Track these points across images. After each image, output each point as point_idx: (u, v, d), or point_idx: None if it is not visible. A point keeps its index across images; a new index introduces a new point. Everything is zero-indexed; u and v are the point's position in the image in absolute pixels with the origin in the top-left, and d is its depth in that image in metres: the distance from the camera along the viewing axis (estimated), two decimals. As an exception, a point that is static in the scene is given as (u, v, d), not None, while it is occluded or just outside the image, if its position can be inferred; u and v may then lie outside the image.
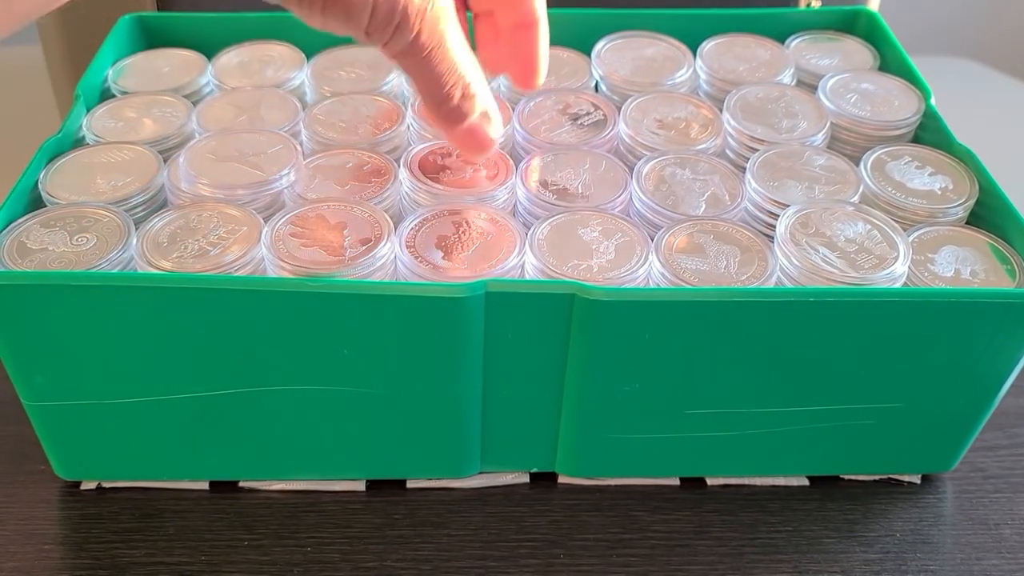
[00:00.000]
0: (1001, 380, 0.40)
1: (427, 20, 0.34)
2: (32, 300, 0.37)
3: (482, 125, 0.38)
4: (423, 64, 0.35)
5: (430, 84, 0.36)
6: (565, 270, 0.39)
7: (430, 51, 0.35)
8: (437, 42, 0.35)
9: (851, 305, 0.37)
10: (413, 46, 0.34)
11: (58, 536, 0.41)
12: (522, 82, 0.42)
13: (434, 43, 0.35)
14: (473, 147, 0.39)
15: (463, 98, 0.37)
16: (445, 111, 0.37)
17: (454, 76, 0.36)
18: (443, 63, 0.35)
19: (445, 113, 0.37)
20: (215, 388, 0.39)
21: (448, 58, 0.35)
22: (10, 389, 0.40)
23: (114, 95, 0.50)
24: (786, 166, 0.44)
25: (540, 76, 0.41)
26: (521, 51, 0.41)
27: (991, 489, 0.44)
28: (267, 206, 0.42)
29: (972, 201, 0.43)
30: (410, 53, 0.35)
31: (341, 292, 0.36)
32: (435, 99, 0.36)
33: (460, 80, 0.36)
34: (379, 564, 0.41)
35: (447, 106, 0.37)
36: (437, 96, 0.36)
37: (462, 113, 0.37)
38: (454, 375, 0.39)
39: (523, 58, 0.41)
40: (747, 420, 0.41)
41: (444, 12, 0.35)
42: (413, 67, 0.35)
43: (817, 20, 0.55)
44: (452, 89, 0.36)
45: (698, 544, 0.42)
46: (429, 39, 0.34)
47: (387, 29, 0.33)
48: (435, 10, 0.34)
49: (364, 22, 0.33)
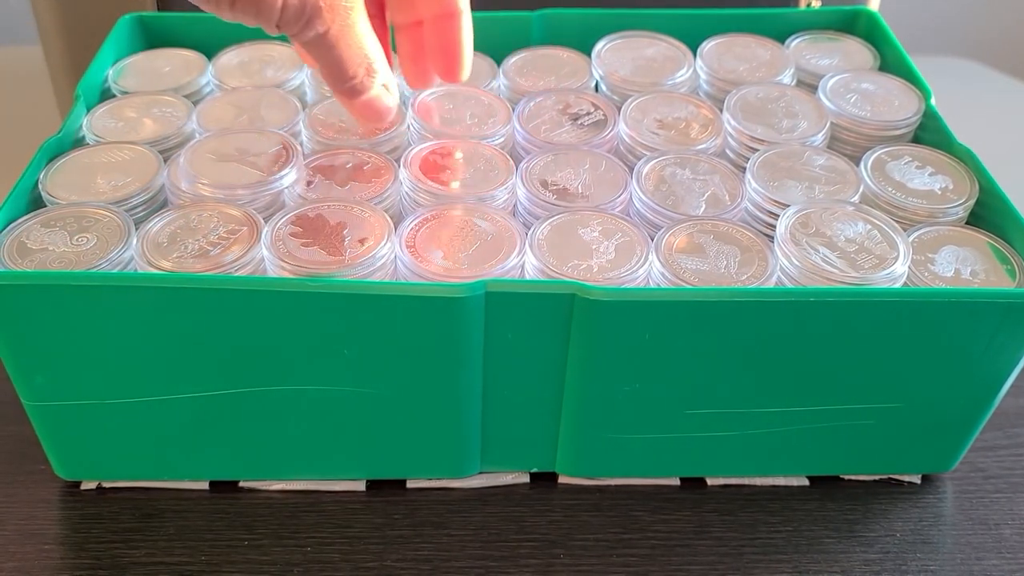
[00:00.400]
0: (1001, 380, 0.40)
1: (338, 13, 0.35)
2: (32, 300, 0.37)
3: (381, 96, 0.39)
4: (330, 51, 0.36)
5: (336, 67, 0.37)
6: (565, 270, 0.39)
7: (337, 40, 0.36)
8: (345, 32, 0.36)
9: (851, 305, 0.37)
10: (323, 37, 0.36)
11: (58, 536, 0.42)
12: (446, 74, 0.42)
13: (342, 33, 0.36)
14: (373, 116, 0.40)
15: (366, 75, 0.38)
16: (348, 87, 0.38)
17: (358, 58, 0.37)
18: (350, 49, 0.37)
19: (348, 89, 0.38)
20: (215, 388, 0.39)
21: (355, 43, 0.37)
22: (10, 389, 0.40)
23: (114, 95, 0.50)
24: (786, 166, 0.44)
25: (464, 68, 0.42)
26: (443, 43, 0.41)
27: (991, 489, 0.44)
28: (267, 206, 0.42)
29: (972, 201, 0.43)
30: (319, 44, 0.36)
31: (341, 292, 0.36)
32: (339, 78, 0.38)
33: (364, 61, 0.38)
34: (379, 564, 0.41)
35: (350, 83, 0.38)
36: (342, 77, 0.38)
37: (364, 87, 0.38)
38: (454, 375, 0.39)
39: (445, 50, 0.42)
40: (747, 420, 0.41)
41: (355, 5, 0.36)
42: (321, 55, 0.37)
43: (817, 20, 0.55)
44: (356, 69, 0.38)
45: (698, 544, 0.42)
46: (339, 30, 0.36)
47: (298, 23, 0.34)
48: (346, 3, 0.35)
49: (275, 17, 0.34)
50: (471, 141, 0.45)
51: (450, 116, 0.47)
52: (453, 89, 0.49)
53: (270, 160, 0.43)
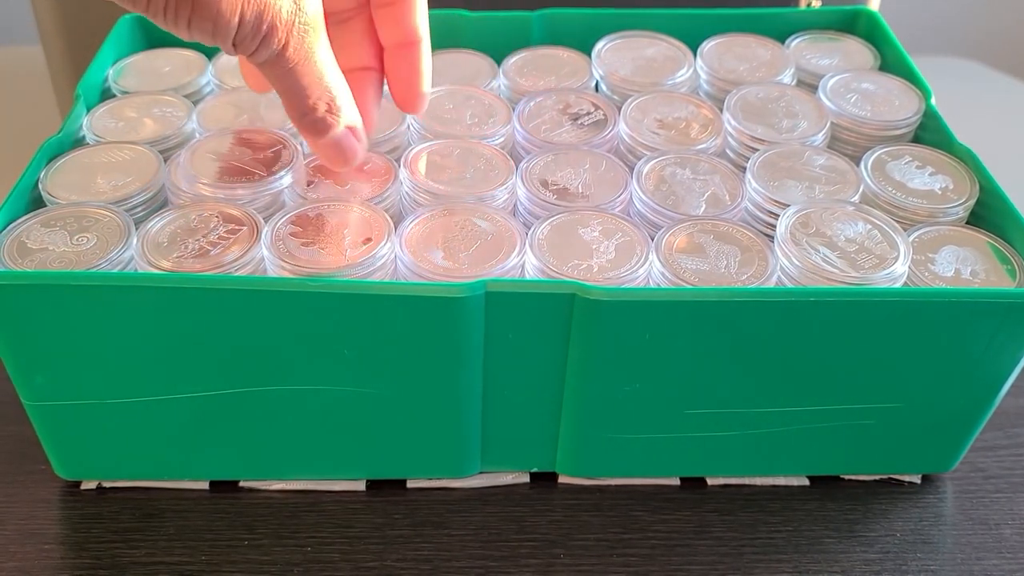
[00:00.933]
0: (1001, 380, 0.40)
1: (294, 33, 0.34)
2: (32, 300, 0.37)
3: (346, 138, 0.38)
4: (288, 75, 0.35)
5: (295, 96, 0.36)
6: (565, 270, 0.39)
7: (296, 64, 0.35)
8: (304, 56, 0.35)
9: (851, 305, 0.37)
10: (280, 58, 0.35)
11: (58, 536, 0.42)
12: (405, 103, 0.42)
13: (300, 56, 0.35)
14: (336, 159, 0.39)
15: (328, 111, 0.37)
16: (309, 122, 0.37)
17: (319, 89, 0.36)
18: (309, 76, 0.36)
19: (309, 124, 0.37)
20: (215, 388, 0.39)
21: (315, 71, 0.36)
22: (10, 389, 0.40)
23: (114, 95, 0.50)
24: (786, 166, 0.44)
25: (423, 97, 0.41)
26: (403, 71, 0.41)
27: (991, 489, 0.44)
28: (267, 206, 0.42)
29: (972, 201, 0.43)
30: (276, 64, 0.35)
31: (341, 292, 0.36)
32: (299, 110, 0.37)
33: (325, 94, 0.37)
34: (379, 564, 0.41)
35: (311, 117, 0.37)
36: (302, 107, 0.37)
37: (326, 125, 0.37)
38: (454, 375, 0.39)
39: (405, 78, 0.41)
40: (747, 420, 0.41)
41: (313, 26, 0.35)
42: (278, 78, 0.36)
43: (817, 20, 0.55)
44: (316, 102, 0.37)
45: (698, 544, 0.42)
46: (296, 52, 0.35)
47: (254, 41, 0.34)
48: (303, 24, 0.34)
49: (231, 33, 0.33)
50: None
51: (450, 116, 0.47)
52: (453, 89, 0.49)
53: (270, 160, 0.43)
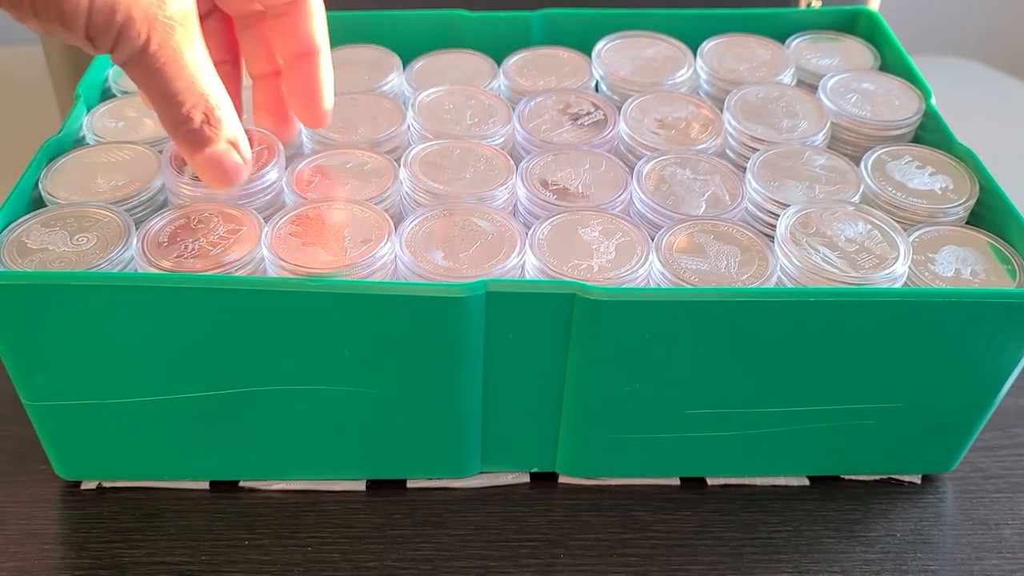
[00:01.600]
0: (1001, 380, 0.40)
1: (156, 29, 0.31)
2: (32, 300, 0.37)
3: (228, 154, 0.35)
4: (155, 77, 0.32)
5: (165, 101, 0.33)
6: (565, 270, 0.39)
7: (162, 64, 0.32)
8: (171, 55, 0.32)
9: (851, 305, 0.37)
10: (142, 56, 0.32)
11: (58, 536, 0.42)
12: (307, 118, 0.40)
13: (167, 56, 0.32)
14: (217, 177, 0.36)
15: (206, 122, 0.34)
16: (184, 132, 0.34)
17: (193, 96, 0.33)
18: (179, 80, 0.33)
19: (184, 135, 0.34)
20: (215, 388, 0.39)
21: (185, 75, 0.33)
22: (10, 389, 0.40)
23: (115, 95, 0.50)
24: (786, 166, 0.44)
25: (326, 110, 0.40)
26: (303, 83, 0.39)
27: (991, 489, 0.44)
28: (267, 206, 0.42)
29: (972, 201, 0.43)
30: (140, 64, 0.32)
31: (341, 292, 0.36)
32: (173, 119, 0.34)
33: (201, 101, 0.34)
34: (379, 564, 0.41)
35: (187, 127, 0.34)
36: (176, 116, 0.34)
37: (205, 138, 0.34)
38: (454, 375, 0.39)
39: (306, 90, 0.39)
40: (747, 420, 0.41)
41: (182, 23, 0.32)
42: (145, 80, 0.33)
43: (817, 20, 0.55)
44: (192, 110, 0.33)
45: (698, 544, 0.42)
46: (160, 51, 0.32)
47: (108, 34, 0.31)
48: (167, 19, 0.31)
49: (81, 23, 0.30)
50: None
51: (450, 116, 0.47)
52: (453, 89, 0.49)
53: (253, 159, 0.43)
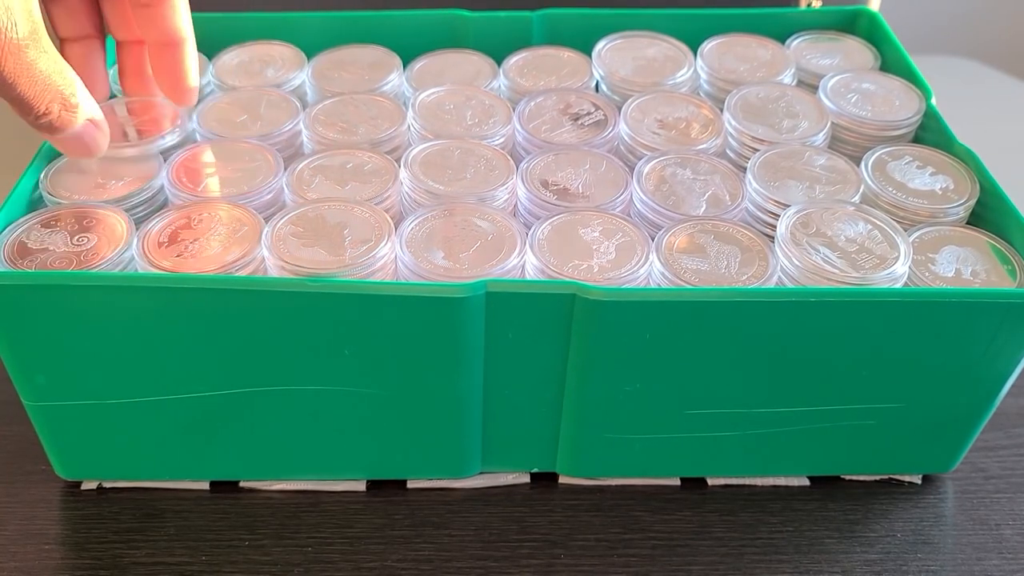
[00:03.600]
0: (1002, 380, 0.40)
1: (10, 51, 0.33)
2: (32, 300, 0.37)
3: (87, 131, 0.38)
4: (11, 89, 0.34)
5: (23, 105, 0.35)
6: (565, 270, 0.39)
7: (16, 78, 0.34)
8: (22, 71, 0.34)
9: (852, 305, 0.37)
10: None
11: (59, 536, 0.41)
12: (175, 98, 0.44)
13: (20, 71, 0.34)
14: (80, 151, 0.38)
15: (64, 109, 0.36)
16: (45, 124, 0.36)
17: (49, 94, 0.35)
18: (34, 86, 0.34)
19: (45, 126, 0.36)
20: (215, 388, 0.39)
21: (40, 80, 0.34)
22: (10, 389, 0.40)
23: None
24: (787, 166, 0.44)
25: (191, 91, 0.43)
26: (168, 70, 0.42)
27: (992, 489, 0.44)
28: (267, 206, 0.42)
29: (973, 201, 0.43)
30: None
31: (341, 292, 0.36)
32: (32, 116, 0.36)
33: (57, 96, 0.35)
34: (380, 564, 0.41)
35: (45, 120, 0.36)
36: (35, 114, 0.36)
37: (63, 123, 0.37)
38: (454, 375, 0.39)
39: (171, 77, 0.43)
40: (747, 420, 0.41)
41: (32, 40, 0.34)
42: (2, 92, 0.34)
43: (818, 20, 0.55)
44: (49, 106, 0.35)
45: (699, 544, 0.42)
46: (14, 69, 0.33)
47: None
48: (19, 41, 0.33)
49: None
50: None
51: (450, 116, 0.47)
52: (453, 89, 0.49)
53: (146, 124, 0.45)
